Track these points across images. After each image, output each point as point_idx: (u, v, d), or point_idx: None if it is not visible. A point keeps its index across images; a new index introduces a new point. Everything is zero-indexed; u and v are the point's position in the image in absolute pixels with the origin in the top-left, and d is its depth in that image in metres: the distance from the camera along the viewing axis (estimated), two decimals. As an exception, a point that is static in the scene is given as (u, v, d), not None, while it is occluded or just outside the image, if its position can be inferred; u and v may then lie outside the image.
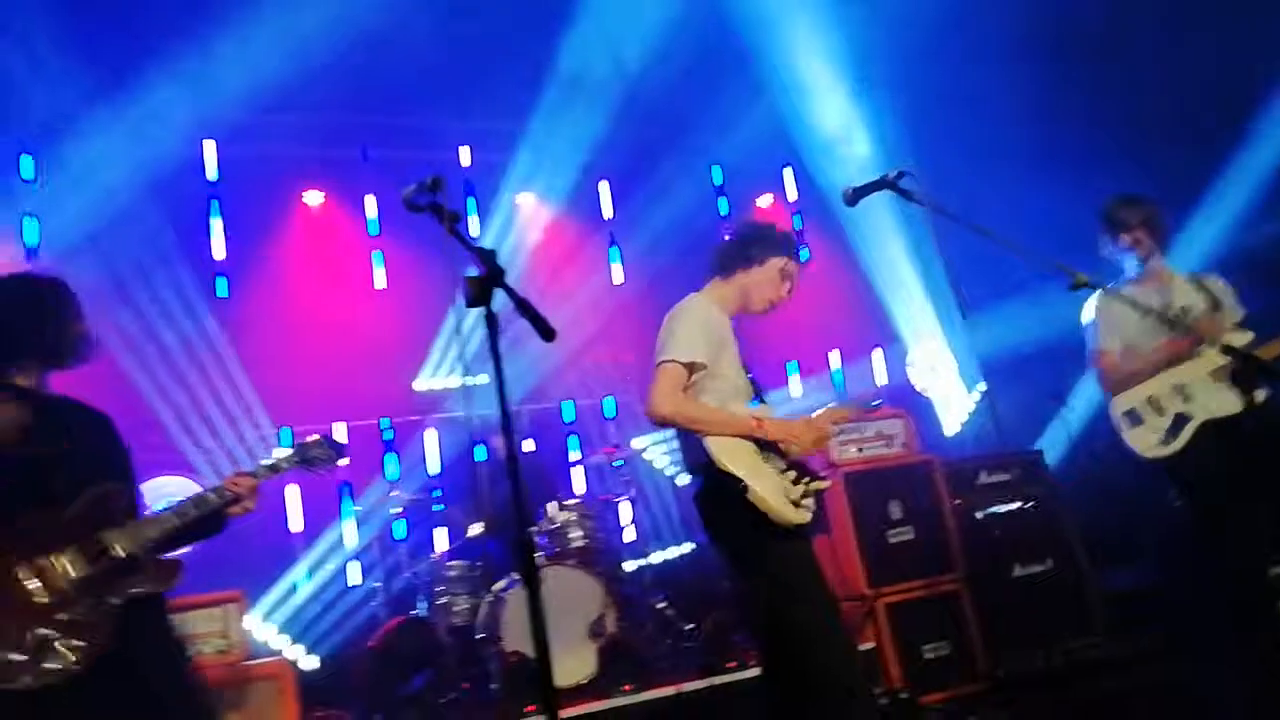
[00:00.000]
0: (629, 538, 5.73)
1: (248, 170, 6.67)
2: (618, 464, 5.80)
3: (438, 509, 5.84)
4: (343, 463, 3.14)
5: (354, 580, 6.11)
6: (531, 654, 4.22)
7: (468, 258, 2.18)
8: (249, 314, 6.42)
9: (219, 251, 6.56)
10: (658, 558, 6.11)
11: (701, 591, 5.50)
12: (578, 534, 5.14)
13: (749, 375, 3.06)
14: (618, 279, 7.71)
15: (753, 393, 3.04)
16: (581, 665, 4.54)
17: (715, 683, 4.32)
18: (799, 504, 2.81)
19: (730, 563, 2.96)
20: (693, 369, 2.84)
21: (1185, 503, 3.82)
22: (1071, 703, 4.31)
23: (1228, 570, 3.67)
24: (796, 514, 2.78)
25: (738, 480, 2.73)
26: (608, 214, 7.89)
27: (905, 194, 2.76)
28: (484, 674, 4.70)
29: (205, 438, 5.96)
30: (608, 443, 6.11)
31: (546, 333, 2.14)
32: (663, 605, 5.32)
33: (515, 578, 4.72)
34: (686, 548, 6.18)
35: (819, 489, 2.91)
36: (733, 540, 2.83)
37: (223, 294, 6.45)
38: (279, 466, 2.92)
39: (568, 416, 7.24)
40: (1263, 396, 3.57)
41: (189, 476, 5.67)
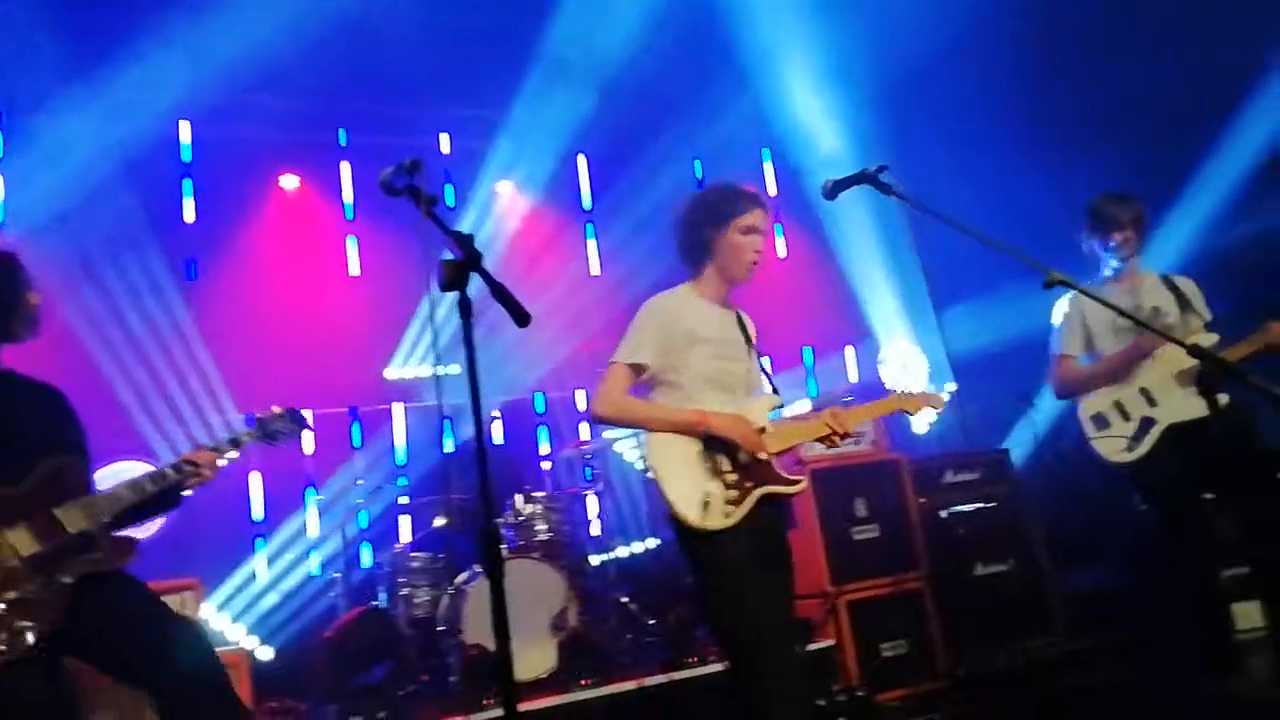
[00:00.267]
0: (595, 531, 5.70)
1: (223, 152, 6.58)
2: (587, 456, 5.78)
3: (403, 500, 5.79)
4: (307, 435, 3.12)
5: (314, 570, 6.04)
6: (492, 647, 4.22)
7: (444, 244, 2.17)
8: (219, 297, 6.33)
9: (190, 233, 6.46)
10: (623, 552, 6.09)
11: (665, 586, 5.49)
12: (543, 527, 5.12)
13: (756, 364, 2.96)
14: (595, 269, 7.68)
15: (749, 383, 2.94)
16: (542, 659, 4.52)
17: (676, 678, 4.30)
18: (727, 508, 2.65)
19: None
20: (635, 370, 2.82)
21: (1149, 506, 3.85)
22: (1031, 701, 4.33)
23: (1187, 571, 3.71)
24: (705, 519, 2.63)
25: (655, 480, 2.71)
26: (586, 204, 7.86)
27: (885, 188, 2.73)
28: (443, 666, 4.67)
29: (168, 422, 5.86)
30: (578, 436, 6.08)
31: (521, 318, 2.14)
32: (626, 600, 5.31)
33: (477, 570, 4.69)
34: (652, 543, 6.16)
35: (774, 494, 2.74)
36: (677, 538, 2.77)
37: (193, 277, 6.37)
38: (240, 440, 2.94)
39: (538, 408, 7.21)
40: (1226, 400, 3.60)
41: (150, 462, 5.59)
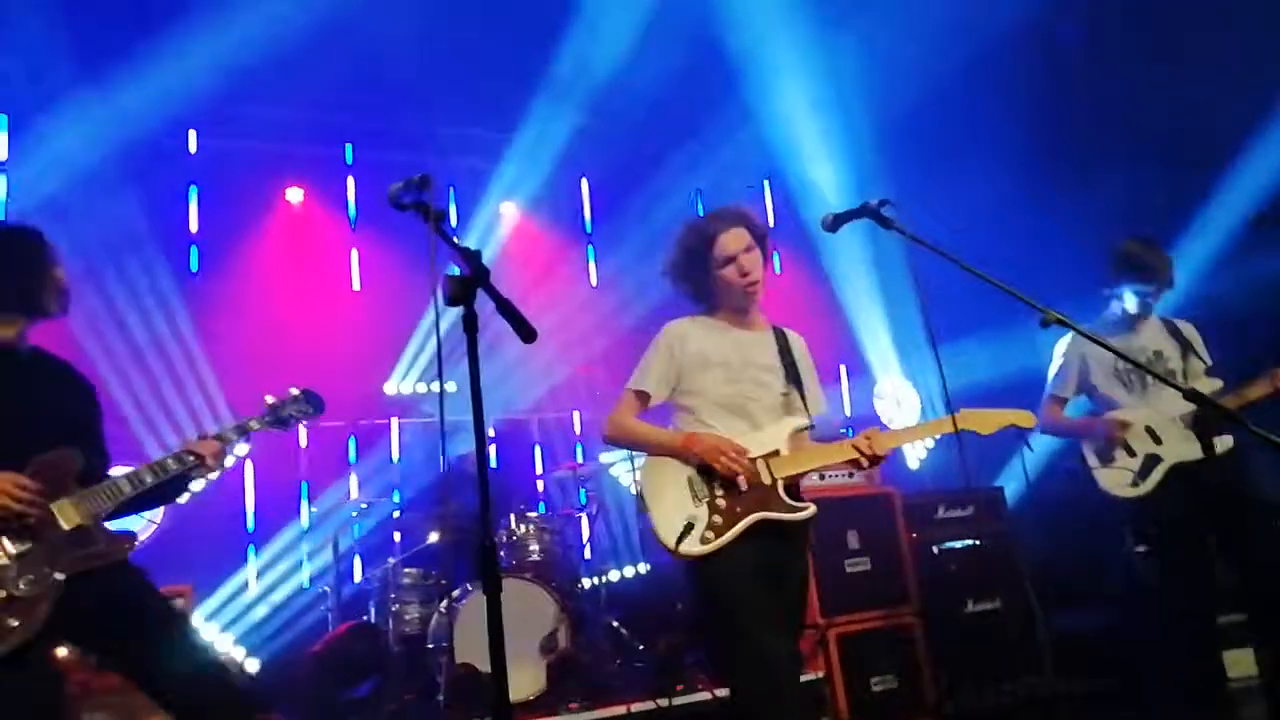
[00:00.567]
0: (587, 554, 5.70)
1: (229, 162, 6.63)
2: (582, 479, 5.79)
3: (396, 515, 5.78)
4: (313, 416, 3.06)
5: (304, 583, 6.03)
6: (481, 666, 4.21)
7: (446, 260, 2.18)
8: (221, 306, 6.35)
9: (194, 242, 6.50)
10: (615, 576, 6.08)
11: (656, 612, 5.48)
12: (536, 547, 5.12)
13: (794, 387, 2.93)
14: (594, 291, 7.73)
15: (779, 406, 2.89)
16: (531, 681, 4.51)
17: (664, 704, 4.30)
18: (707, 534, 2.63)
19: None
20: (641, 397, 2.90)
21: (1148, 546, 3.86)
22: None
23: (1186, 613, 3.70)
24: (682, 544, 2.62)
25: (642, 497, 2.76)
26: (588, 227, 7.92)
27: (886, 222, 2.74)
28: (431, 684, 4.65)
29: (165, 430, 5.86)
30: (573, 457, 6.08)
31: (527, 334, 2.15)
32: (616, 624, 5.30)
33: (469, 588, 4.68)
34: (643, 568, 6.15)
35: (771, 520, 2.69)
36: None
37: (195, 284, 6.39)
38: (249, 427, 2.85)
39: (534, 429, 7.22)
40: (1228, 444, 3.61)
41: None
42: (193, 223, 6.55)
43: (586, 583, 5.61)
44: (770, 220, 8.26)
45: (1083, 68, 6.59)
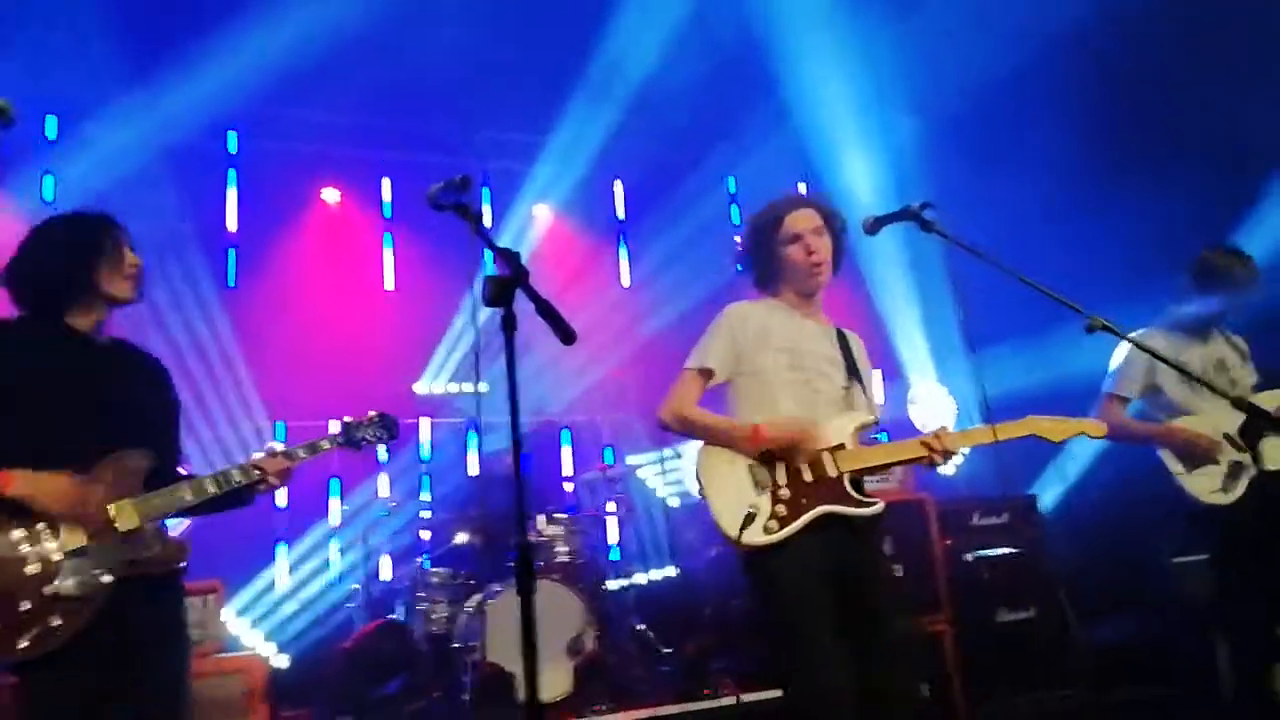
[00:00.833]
0: (615, 556, 5.69)
1: (267, 163, 6.72)
2: (610, 480, 5.77)
3: (425, 514, 5.81)
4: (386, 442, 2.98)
5: (333, 580, 6.07)
6: (507, 666, 4.22)
7: (480, 262, 2.17)
8: (256, 305, 6.43)
9: (232, 242, 6.59)
10: (642, 579, 6.07)
11: (683, 616, 5.46)
12: (564, 549, 5.12)
13: (856, 385, 2.84)
14: (627, 293, 7.73)
15: (842, 402, 2.80)
16: (557, 682, 4.50)
17: (691, 709, 4.28)
18: (770, 524, 2.55)
19: None
20: (704, 375, 2.78)
21: (1219, 552, 3.70)
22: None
23: (1249, 624, 3.59)
24: (745, 534, 2.53)
25: (701, 486, 2.67)
26: (622, 235, 7.93)
27: (927, 226, 2.70)
28: (457, 684, 4.65)
29: (200, 425, 5.93)
30: (602, 459, 6.08)
31: (567, 335, 2.14)
32: (643, 627, 5.28)
33: (496, 588, 4.69)
34: (671, 571, 6.13)
35: (838, 514, 2.58)
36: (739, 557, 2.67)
37: (231, 283, 6.49)
38: (319, 447, 2.79)
39: (564, 430, 7.23)
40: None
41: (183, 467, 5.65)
42: (230, 222, 6.63)
43: (614, 585, 5.60)
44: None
45: (1130, 74, 6.47)
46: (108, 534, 2.32)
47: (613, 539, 6.09)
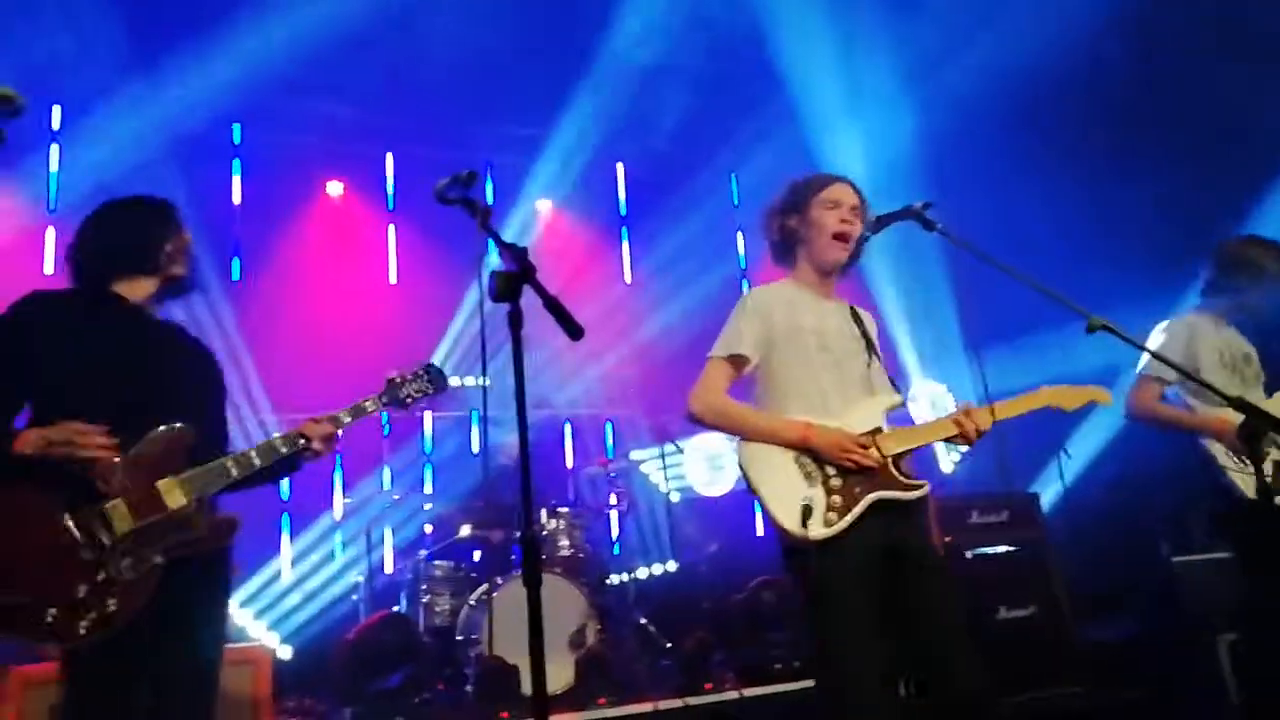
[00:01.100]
0: (616, 550, 5.72)
1: (272, 155, 6.73)
2: (612, 475, 5.80)
3: (428, 507, 5.83)
4: (445, 385, 2.92)
5: (337, 573, 6.09)
6: (510, 659, 4.24)
7: (483, 256, 2.18)
8: (260, 299, 6.44)
9: (237, 233, 6.62)
10: (643, 573, 6.10)
11: (684, 611, 5.48)
12: (565, 543, 5.15)
13: (877, 363, 2.79)
14: (629, 290, 7.75)
15: (867, 381, 2.76)
16: (559, 675, 4.52)
17: (692, 702, 4.30)
18: (829, 515, 2.50)
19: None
20: (735, 362, 2.70)
21: (1261, 555, 3.48)
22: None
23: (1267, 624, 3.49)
24: (805, 527, 2.48)
25: (751, 483, 2.60)
26: (623, 226, 7.94)
27: (929, 225, 2.68)
28: (460, 676, 4.69)
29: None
30: (604, 453, 6.10)
31: (574, 330, 2.14)
32: (645, 621, 5.30)
33: (499, 581, 4.71)
34: (672, 566, 6.15)
35: (889, 500, 2.54)
36: (781, 546, 2.62)
37: (235, 277, 6.50)
38: (364, 409, 2.73)
39: (566, 424, 7.25)
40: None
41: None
42: (235, 215, 6.65)
43: (615, 579, 5.62)
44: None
45: (1133, 71, 6.47)
46: (156, 513, 2.30)
47: (614, 533, 6.11)
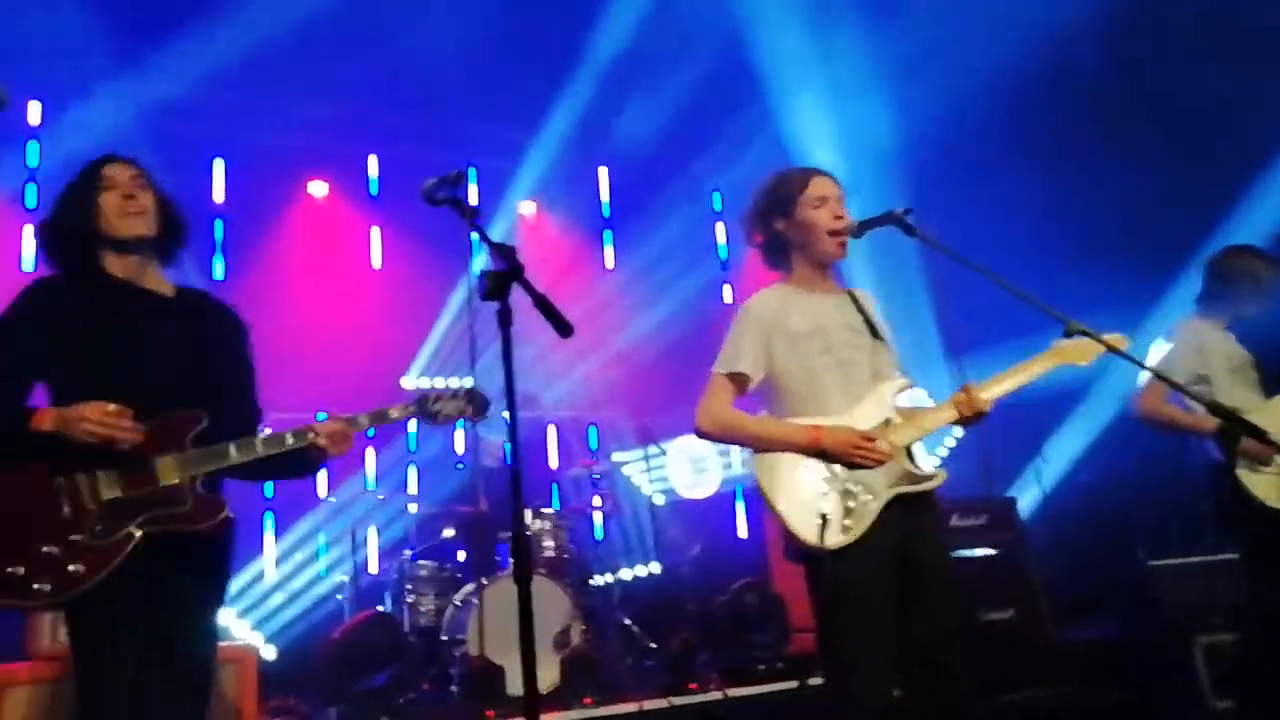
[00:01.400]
0: (601, 552, 5.75)
1: (255, 155, 6.69)
2: (596, 477, 5.82)
3: (412, 507, 5.83)
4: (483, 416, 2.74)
5: (321, 572, 6.07)
6: (495, 659, 4.25)
7: (469, 256, 2.21)
8: (242, 298, 6.32)
9: (218, 229, 6.59)
10: (627, 574, 6.12)
11: (668, 612, 5.52)
12: (550, 544, 5.17)
13: (883, 345, 2.75)
14: (612, 292, 7.78)
15: (874, 367, 2.70)
16: (544, 675, 4.53)
17: (677, 702, 4.33)
18: (846, 522, 2.47)
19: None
20: (736, 380, 2.67)
21: (1259, 552, 3.54)
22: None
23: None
24: (821, 536, 2.44)
25: (765, 495, 2.56)
26: (605, 228, 7.97)
27: (910, 230, 2.69)
28: (445, 676, 4.69)
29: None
30: (588, 455, 6.13)
31: (564, 328, 2.16)
32: (629, 622, 5.33)
33: (483, 581, 4.72)
34: (655, 567, 6.19)
35: (906, 494, 2.52)
36: (794, 552, 2.58)
37: (218, 276, 6.46)
38: (387, 416, 2.62)
39: (549, 426, 7.26)
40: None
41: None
42: (217, 215, 6.61)
43: (599, 580, 5.65)
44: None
45: (1109, 78, 6.58)
46: (146, 487, 2.26)
47: (598, 535, 6.14)
